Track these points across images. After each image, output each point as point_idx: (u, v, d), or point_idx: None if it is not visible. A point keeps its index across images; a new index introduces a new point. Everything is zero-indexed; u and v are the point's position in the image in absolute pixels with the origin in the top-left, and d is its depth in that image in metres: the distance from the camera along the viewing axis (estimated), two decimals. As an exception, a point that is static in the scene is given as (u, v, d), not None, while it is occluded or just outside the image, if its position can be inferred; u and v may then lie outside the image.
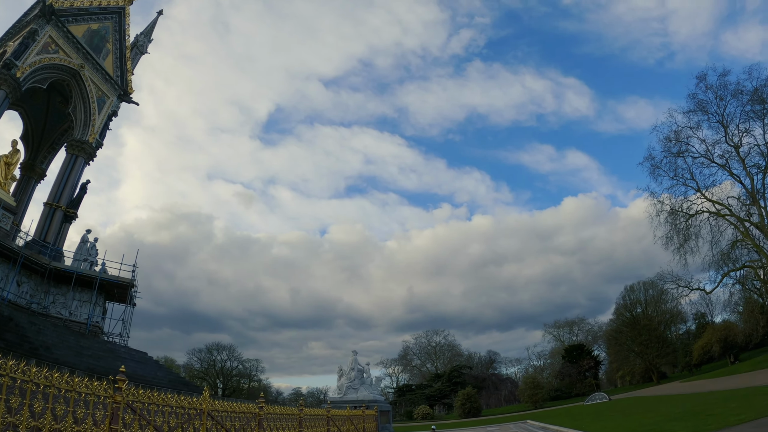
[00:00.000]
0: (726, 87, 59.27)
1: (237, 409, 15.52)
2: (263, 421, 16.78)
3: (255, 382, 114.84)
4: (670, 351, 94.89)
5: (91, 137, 33.79)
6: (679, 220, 63.00)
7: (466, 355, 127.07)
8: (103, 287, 32.05)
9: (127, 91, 37.48)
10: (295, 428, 19.33)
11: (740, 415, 17.17)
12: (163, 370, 34.01)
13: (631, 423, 22.72)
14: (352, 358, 37.37)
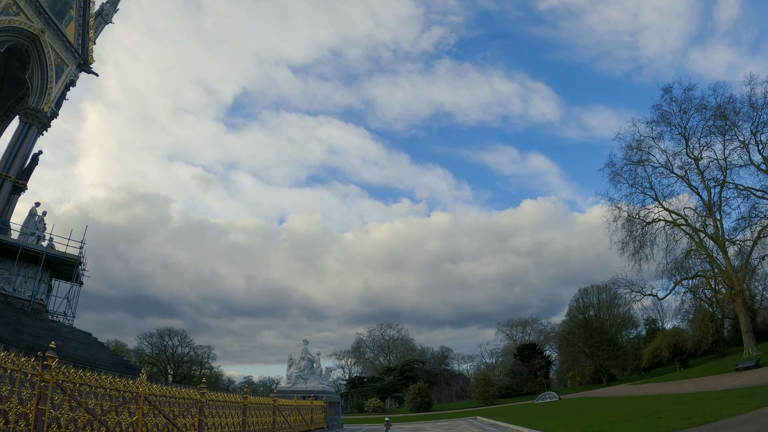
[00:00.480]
0: (690, 101, 60.45)
1: (177, 395, 14.74)
2: (205, 408, 15.94)
3: (206, 369, 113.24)
4: (621, 354, 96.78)
5: (47, 106, 32.35)
6: (636, 227, 64.10)
7: (419, 350, 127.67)
8: (50, 263, 30.72)
9: (88, 61, 36.00)
10: (238, 416, 18.66)
11: (691, 419, 17.20)
12: (107, 352, 32.88)
13: (581, 423, 22.69)
14: (303, 348, 36.62)
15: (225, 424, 17.54)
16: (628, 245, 64.01)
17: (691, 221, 61.18)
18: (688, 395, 30.61)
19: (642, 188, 63.56)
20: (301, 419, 26.80)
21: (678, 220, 61.68)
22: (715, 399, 23.67)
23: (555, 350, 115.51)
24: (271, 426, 21.90)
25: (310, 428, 28.28)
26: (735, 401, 20.20)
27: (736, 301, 57.61)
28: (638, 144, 63.42)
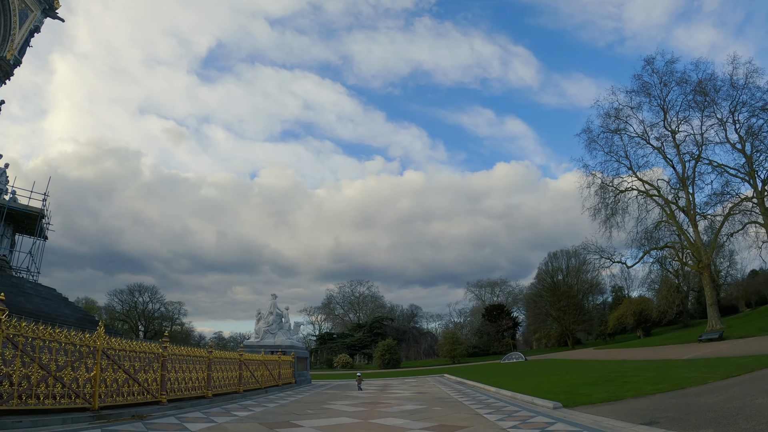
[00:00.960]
0: (672, 74, 60.39)
1: (137, 349, 14.17)
2: (167, 363, 15.37)
3: (177, 325, 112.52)
4: (587, 319, 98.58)
5: (9, 53, 30.53)
6: (609, 195, 64.42)
7: (389, 308, 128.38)
8: (12, 218, 29.46)
9: (53, 6, 34.19)
10: (203, 371, 18.18)
11: (657, 385, 17.16)
12: (71, 307, 31.97)
13: (547, 384, 22.70)
14: (272, 302, 36.01)
15: (189, 379, 17.11)
16: (600, 212, 64.48)
17: (663, 193, 61.75)
18: (653, 362, 30.98)
19: (617, 157, 63.77)
20: (269, 374, 26.52)
21: (651, 191, 62.16)
22: (680, 368, 23.84)
23: (522, 312, 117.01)
24: (237, 381, 21.57)
25: (278, 383, 28.07)
26: (700, 371, 20.29)
27: (703, 275, 58.62)
28: (616, 113, 63.35)
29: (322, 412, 15.85)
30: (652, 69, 60.91)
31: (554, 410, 13.82)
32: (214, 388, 18.85)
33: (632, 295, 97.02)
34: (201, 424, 12.16)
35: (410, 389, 27.54)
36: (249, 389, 22.89)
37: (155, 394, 14.79)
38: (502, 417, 13.17)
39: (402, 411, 15.97)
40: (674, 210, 61.00)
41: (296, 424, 12.87)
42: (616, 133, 63.55)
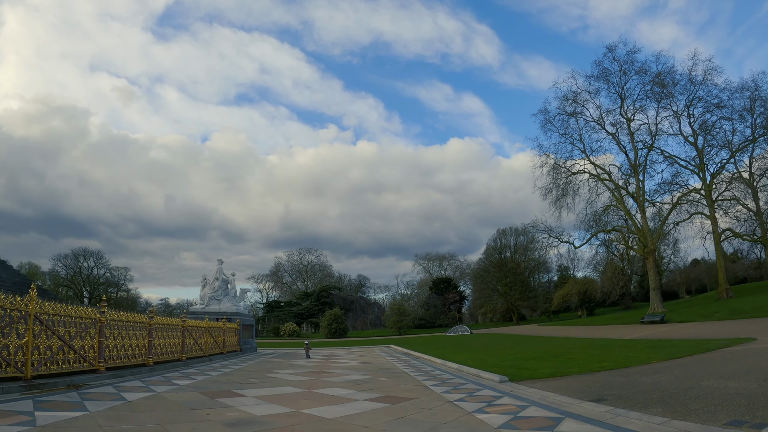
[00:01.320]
0: (632, 63, 61.95)
1: (73, 314, 13.27)
2: (105, 329, 14.59)
3: (123, 291, 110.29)
4: (532, 296, 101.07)
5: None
6: (561, 176, 65.55)
7: (337, 277, 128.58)
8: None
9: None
10: (144, 338, 17.48)
11: (602, 363, 17.45)
12: (8, 271, 30.55)
13: (493, 357, 22.89)
14: (218, 268, 35.10)
15: (129, 346, 16.47)
16: (551, 192, 65.67)
17: (614, 178, 63.29)
18: (597, 340, 31.77)
19: (571, 139, 64.93)
20: (213, 342, 26.00)
21: (602, 175, 63.76)
22: (623, 347, 24.39)
23: (469, 287, 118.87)
24: (180, 348, 21.00)
25: (222, 351, 27.53)
26: (643, 351, 20.76)
27: (648, 259, 60.53)
28: (574, 96, 64.28)
29: (265, 381, 15.55)
30: (613, 56, 62.14)
31: (500, 384, 13.81)
32: (155, 355, 18.24)
33: (577, 275, 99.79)
34: (139, 393, 11.68)
35: (356, 359, 27.48)
36: (192, 357, 22.35)
37: (93, 362, 14.11)
38: (448, 389, 13.10)
39: (347, 381, 15.81)
40: (624, 195, 62.75)
41: (239, 393, 12.50)
42: (572, 116, 64.56)
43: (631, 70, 61.66)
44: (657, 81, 60.41)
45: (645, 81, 61.24)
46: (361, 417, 9.17)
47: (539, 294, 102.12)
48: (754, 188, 62.60)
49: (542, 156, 66.11)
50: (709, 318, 41.36)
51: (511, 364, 19.03)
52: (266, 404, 10.70)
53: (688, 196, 61.95)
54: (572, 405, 9.79)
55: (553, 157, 65.68)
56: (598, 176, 63.97)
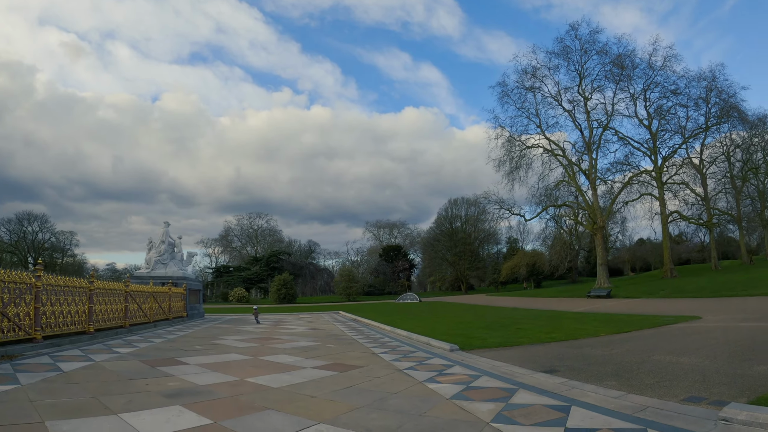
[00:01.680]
0: (594, 43, 63.29)
1: (6, 279, 12.44)
2: (41, 294, 13.70)
3: (69, 257, 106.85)
4: (481, 266, 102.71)
5: None
6: (515, 149, 66.45)
7: (287, 242, 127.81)
8: None
9: None
10: (83, 303, 16.75)
11: (551, 334, 17.66)
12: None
13: (443, 326, 22.99)
14: (164, 230, 33.95)
15: (67, 312, 15.73)
16: (504, 164, 66.65)
17: (568, 154, 64.26)
18: (545, 312, 32.42)
19: (527, 114, 65.71)
20: (158, 307, 25.27)
21: (556, 150, 64.57)
22: (571, 319, 24.89)
23: (419, 255, 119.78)
24: (123, 315, 20.27)
25: (168, 317, 26.80)
26: (591, 324, 21.20)
27: (597, 236, 62.12)
28: (534, 71, 64.82)
29: (211, 348, 15.14)
30: (575, 35, 63.02)
31: (451, 352, 13.79)
32: (96, 322, 17.50)
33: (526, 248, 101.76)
34: (76, 363, 11.12)
35: (305, 325, 27.24)
36: (136, 323, 21.64)
37: (28, 331, 13.31)
38: (398, 357, 12.99)
39: (295, 348, 15.54)
40: (576, 172, 63.94)
41: (181, 361, 12.07)
42: (530, 90, 65.30)
43: (592, 49, 62.83)
44: (617, 63, 61.69)
45: (605, 62, 62.64)
46: (308, 386, 8.93)
47: (488, 265, 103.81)
48: (703, 174, 65.36)
49: (498, 128, 66.85)
50: (654, 295, 42.56)
51: (461, 332, 19.09)
52: (210, 373, 10.34)
53: (639, 177, 64.02)
54: (525, 376, 9.76)
55: (508, 130, 66.33)
56: (552, 151, 64.98)
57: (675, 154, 65.21)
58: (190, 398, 7.63)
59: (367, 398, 7.84)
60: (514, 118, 66.37)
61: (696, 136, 63.81)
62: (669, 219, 65.55)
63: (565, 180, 64.95)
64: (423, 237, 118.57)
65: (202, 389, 8.44)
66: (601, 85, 63.42)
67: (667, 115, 63.15)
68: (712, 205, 67.45)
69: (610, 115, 63.57)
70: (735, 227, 77.23)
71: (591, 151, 63.06)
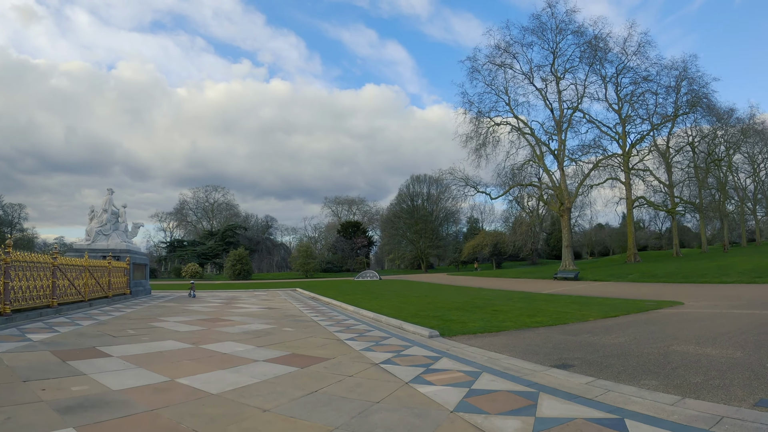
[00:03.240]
0: (570, 22, 61.82)
1: None
2: None
3: (18, 231, 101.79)
4: (441, 245, 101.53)
5: None
6: (483, 125, 64.87)
7: (244, 216, 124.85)
8: None
9: None
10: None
11: (534, 318, 15.93)
12: None
13: (411, 307, 21.08)
14: (106, 198, 30.78)
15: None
16: (471, 140, 65.03)
17: (537, 133, 63.15)
18: (514, 292, 30.91)
19: (497, 91, 64.03)
20: (95, 283, 22.60)
21: (524, 129, 63.28)
22: (546, 301, 23.45)
23: (377, 233, 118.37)
24: (50, 292, 17.69)
25: (107, 294, 24.12)
26: (570, 306, 19.75)
27: (563, 217, 61.32)
28: (507, 46, 62.89)
29: (145, 334, 12.83)
30: (552, 12, 61.47)
31: (430, 340, 11.90)
32: (15, 301, 14.94)
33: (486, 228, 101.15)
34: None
35: (259, 304, 24.92)
36: (67, 302, 19.00)
37: None
38: (369, 345, 11.00)
39: (246, 332, 13.36)
40: (544, 152, 62.87)
41: (103, 352, 9.79)
42: (501, 67, 63.61)
43: (567, 29, 61.68)
44: (592, 44, 60.42)
45: (579, 42, 61.34)
46: (260, 390, 6.81)
47: (449, 243, 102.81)
48: (668, 162, 65.24)
49: (465, 103, 65.21)
50: (623, 279, 41.57)
51: (434, 315, 17.30)
52: (133, 370, 8.11)
53: (609, 161, 63.32)
54: (537, 373, 7.86)
55: (476, 106, 64.66)
56: (520, 130, 63.68)
57: (643, 141, 64.89)
58: (91, 415, 5.46)
59: (342, 413, 5.77)
60: (483, 95, 64.81)
61: (664, 123, 63.49)
62: (634, 204, 65.16)
63: (532, 160, 63.76)
64: (383, 214, 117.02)
65: (113, 398, 6.23)
66: (573, 66, 62.42)
67: (638, 100, 62.70)
68: (676, 194, 67.50)
69: (581, 97, 62.83)
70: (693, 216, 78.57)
71: (560, 132, 61.97)
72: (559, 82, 62.79)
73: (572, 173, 64.75)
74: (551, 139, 63.30)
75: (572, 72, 62.70)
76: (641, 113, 63.54)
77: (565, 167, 62.24)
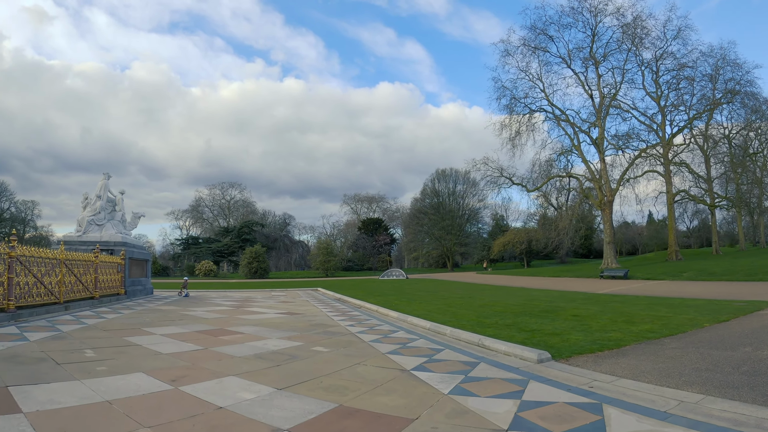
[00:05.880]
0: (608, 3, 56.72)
1: None
2: None
3: (32, 228, 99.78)
4: (469, 243, 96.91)
5: None
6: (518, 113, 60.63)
7: (261, 214, 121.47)
8: None
9: None
10: None
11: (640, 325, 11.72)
12: None
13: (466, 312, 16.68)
14: (102, 183, 26.38)
15: None
16: (506, 128, 60.73)
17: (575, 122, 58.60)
18: (576, 293, 26.38)
19: (531, 77, 59.70)
20: (75, 281, 18.27)
21: (561, 117, 58.83)
22: (621, 302, 19.23)
23: (398, 231, 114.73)
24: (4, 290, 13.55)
25: (93, 295, 19.81)
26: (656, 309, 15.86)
27: (605, 211, 57.00)
28: (544, 27, 58.05)
29: (109, 357, 8.45)
30: None
31: (544, 367, 7.75)
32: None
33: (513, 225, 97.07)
34: None
35: (277, 308, 20.43)
36: (30, 305, 14.75)
37: None
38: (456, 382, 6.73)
39: (259, 355, 9.00)
40: (581, 142, 58.42)
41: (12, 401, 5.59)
42: (536, 50, 58.97)
43: (606, 9, 56.49)
44: (632, 26, 55.37)
45: (619, 24, 56.49)
46: None
47: (477, 241, 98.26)
48: (706, 155, 60.11)
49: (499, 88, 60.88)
50: (678, 277, 36.88)
51: (507, 323, 13.13)
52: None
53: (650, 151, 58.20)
54: None
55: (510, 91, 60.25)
56: (557, 117, 58.93)
57: (682, 131, 60.11)
58: None
59: None
60: (517, 81, 60.30)
61: (704, 113, 58.18)
62: (675, 198, 60.19)
63: (569, 150, 59.13)
64: (405, 211, 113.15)
65: None
66: (612, 50, 57.43)
67: (677, 88, 57.68)
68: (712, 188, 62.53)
69: (619, 84, 57.76)
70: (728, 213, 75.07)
71: (600, 120, 57.13)
72: (598, 66, 58.04)
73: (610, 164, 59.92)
74: (594, 126, 58.48)
75: (612, 55, 57.91)
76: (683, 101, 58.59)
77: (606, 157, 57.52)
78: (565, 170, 60.93)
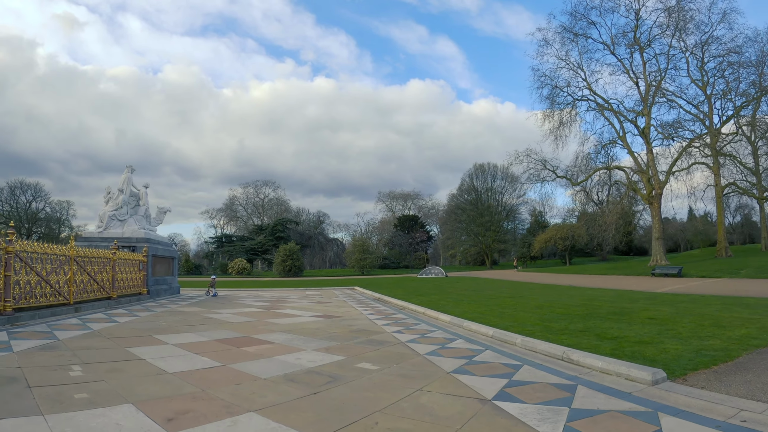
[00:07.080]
0: None
1: None
2: None
3: (67, 228, 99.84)
4: (508, 239, 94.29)
5: None
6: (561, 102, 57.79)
7: (295, 212, 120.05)
8: None
9: None
10: None
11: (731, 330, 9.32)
12: None
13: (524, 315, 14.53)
14: (125, 177, 24.81)
15: None
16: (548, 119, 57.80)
17: (621, 111, 55.68)
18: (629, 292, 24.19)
19: (571, 66, 56.77)
20: (88, 280, 16.52)
21: (605, 106, 55.93)
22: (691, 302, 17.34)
23: (434, 228, 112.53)
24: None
25: (111, 295, 18.07)
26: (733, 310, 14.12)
27: (653, 205, 53.94)
28: (585, 12, 55.07)
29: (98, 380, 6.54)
30: None
31: (659, 389, 6.02)
32: None
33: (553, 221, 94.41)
34: None
35: (313, 310, 18.44)
36: (33, 307, 13.01)
37: None
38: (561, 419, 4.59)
39: (290, 377, 6.99)
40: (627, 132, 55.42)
41: None
42: (577, 36, 55.82)
43: None
44: (675, 9, 52.12)
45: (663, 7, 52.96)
46: None
47: (516, 237, 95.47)
48: (754, 146, 56.20)
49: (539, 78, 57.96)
50: (735, 275, 34.41)
51: (579, 329, 11.19)
52: None
53: (698, 141, 54.71)
54: None
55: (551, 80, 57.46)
56: (600, 107, 55.89)
57: (730, 121, 55.98)
58: None
59: None
60: (556, 71, 57.29)
61: (751, 102, 54.31)
62: (724, 191, 56.67)
63: (614, 140, 56.10)
64: (440, 208, 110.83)
65: None
66: (657, 35, 54.09)
67: (725, 76, 54.03)
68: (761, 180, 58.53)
69: (664, 71, 54.43)
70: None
71: (646, 108, 53.95)
72: (642, 52, 54.77)
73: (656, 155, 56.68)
74: (638, 117, 55.33)
75: (655, 42, 54.58)
76: (731, 88, 54.46)
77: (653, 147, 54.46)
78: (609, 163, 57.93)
